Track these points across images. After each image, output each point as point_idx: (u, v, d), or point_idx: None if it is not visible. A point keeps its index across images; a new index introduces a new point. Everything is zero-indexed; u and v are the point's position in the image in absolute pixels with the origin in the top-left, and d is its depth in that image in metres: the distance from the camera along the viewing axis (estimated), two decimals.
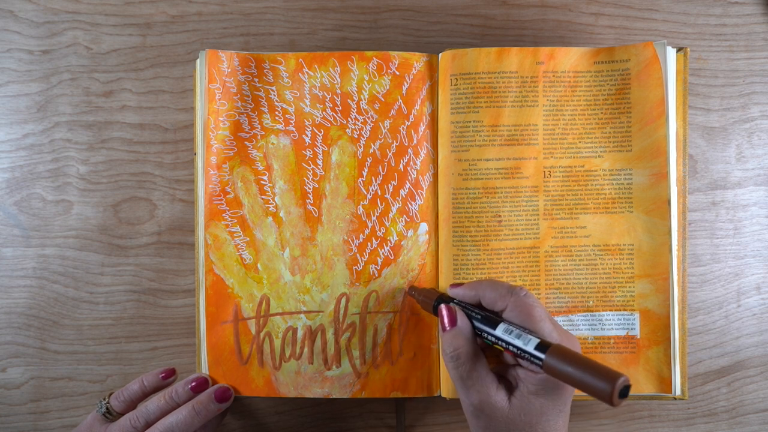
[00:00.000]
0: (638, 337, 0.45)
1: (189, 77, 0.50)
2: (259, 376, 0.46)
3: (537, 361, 0.34)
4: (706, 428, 0.51)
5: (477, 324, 0.39)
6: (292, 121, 0.47)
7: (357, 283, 0.46)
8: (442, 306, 0.40)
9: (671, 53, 0.45)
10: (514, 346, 0.36)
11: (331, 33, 0.51)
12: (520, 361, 0.36)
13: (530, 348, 0.34)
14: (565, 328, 0.46)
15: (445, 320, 0.39)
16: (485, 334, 0.38)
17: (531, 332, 0.36)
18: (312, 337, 0.46)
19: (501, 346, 0.37)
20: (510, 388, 0.38)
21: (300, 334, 0.46)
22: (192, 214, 0.50)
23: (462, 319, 0.39)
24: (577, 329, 0.46)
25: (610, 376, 0.30)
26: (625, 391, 0.31)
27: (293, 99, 0.47)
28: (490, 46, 0.46)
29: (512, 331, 0.36)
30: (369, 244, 0.46)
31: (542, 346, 0.34)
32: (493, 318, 0.38)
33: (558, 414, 0.36)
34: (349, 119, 0.46)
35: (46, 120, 0.50)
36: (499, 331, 0.37)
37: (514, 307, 0.37)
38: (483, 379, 0.37)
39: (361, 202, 0.46)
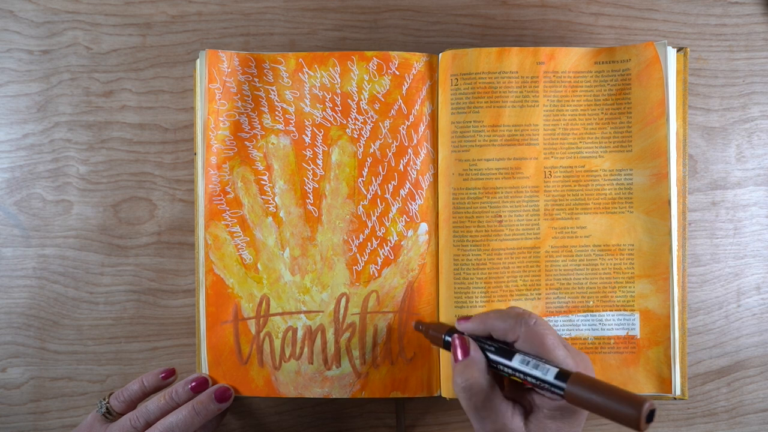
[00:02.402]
0: (638, 337, 0.45)
1: (189, 77, 0.50)
2: (259, 376, 0.46)
3: (558, 391, 0.33)
4: (706, 428, 0.51)
5: (492, 356, 0.37)
6: (292, 121, 0.47)
7: (357, 283, 0.46)
8: (455, 336, 0.39)
9: (671, 53, 0.45)
10: (532, 377, 0.35)
11: (331, 33, 0.51)
12: (539, 390, 0.35)
13: (550, 378, 0.34)
14: (565, 328, 0.46)
15: (458, 351, 0.38)
16: (501, 366, 0.37)
17: (547, 361, 0.35)
18: (312, 337, 0.46)
19: (518, 377, 0.36)
20: (525, 412, 0.37)
21: (300, 334, 0.46)
22: (192, 214, 0.50)
23: (475, 350, 0.38)
24: (577, 329, 0.46)
25: (636, 402, 0.30)
26: (651, 415, 0.30)
27: (293, 99, 0.47)
28: (490, 46, 0.46)
29: (529, 361, 0.35)
30: (369, 244, 0.46)
31: (562, 375, 0.33)
32: (507, 349, 0.37)
33: None
34: (349, 119, 0.46)
35: (46, 120, 0.50)
36: (516, 362, 0.36)
37: (526, 337, 0.36)
38: (497, 407, 0.36)
39: (361, 202, 0.46)
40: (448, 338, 0.41)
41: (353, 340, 0.46)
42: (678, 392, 0.45)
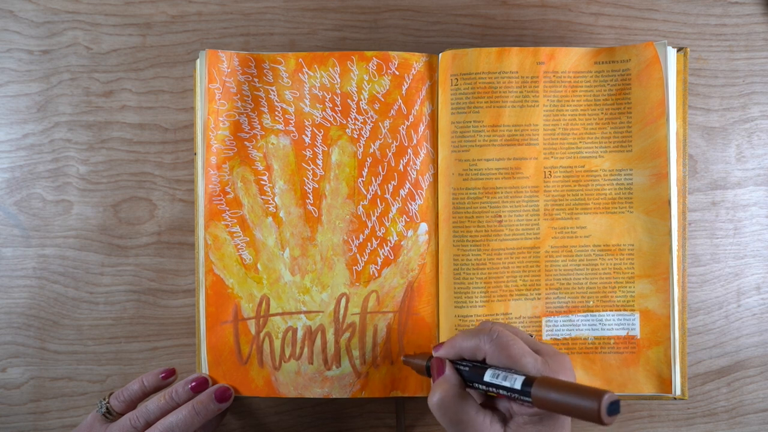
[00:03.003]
0: (638, 337, 0.45)
1: (189, 77, 0.50)
2: (259, 376, 0.46)
3: (527, 398, 0.34)
4: (706, 428, 0.51)
5: (466, 375, 0.38)
6: (292, 121, 0.47)
7: (357, 283, 0.46)
8: (433, 359, 0.40)
9: (672, 53, 0.45)
10: (503, 388, 0.35)
11: (331, 33, 0.51)
12: (514, 401, 0.35)
13: (518, 386, 0.34)
14: (565, 328, 0.46)
15: (434, 372, 0.39)
16: (476, 384, 0.37)
17: (516, 371, 0.35)
18: (312, 337, 0.46)
19: (493, 392, 0.36)
20: (504, 419, 0.37)
21: (300, 334, 0.46)
22: (192, 214, 0.50)
23: (449, 369, 0.38)
24: (577, 329, 0.46)
25: (595, 394, 0.30)
26: (614, 407, 0.30)
27: (293, 99, 0.47)
28: (490, 46, 0.46)
29: (498, 374, 0.36)
30: (369, 244, 0.46)
31: (528, 381, 0.34)
32: (480, 366, 0.37)
33: None
34: (349, 119, 0.46)
35: (46, 120, 0.50)
36: (487, 377, 0.36)
37: (492, 352, 0.36)
38: (473, 419, 0.36)
39: (361, 202, 0.46)
40: (428, 365, 0.41)
41: (353, 340, 0.46)
42: (678, 392, 0.45)
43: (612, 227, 0.46)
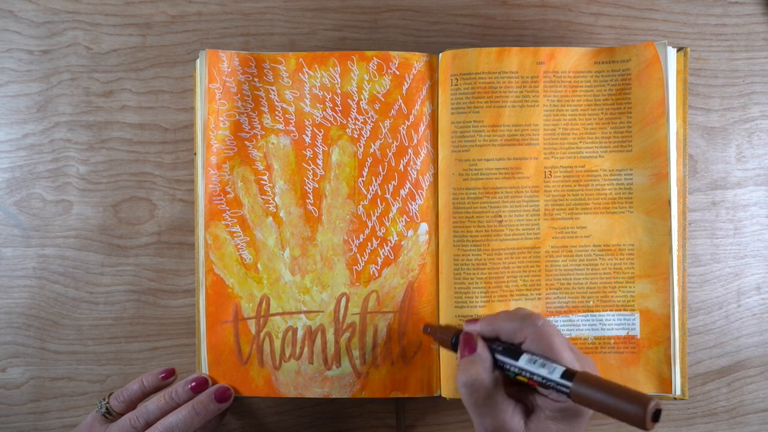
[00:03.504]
0: (638, 337, 0.45)
1: (189, 77, 0.50)
2: (259, 376, 0.46)
3: (564, 389, 0.33)
4: (706, 428, 0.51)
5: (499, 356, 0.37)
6: (292, 121, 0.47)
7: (357, 283, 0.46)
8: (463, 334, 0.39)
9: (672, 53, 0.45)
10: (539, 375, 0.35)
11: (331, 33, 0.51)
12: (544, 390, 0.35)
13: (556, 377, 0.34)
14: (565, 328, 0.46)
15: (464, 347, 0.38)
16: (508, 366, 0.37)
17: (553, 361, 0.35)
18: (312, 337, 0.46)
19: (525, 377, 0.36)
20: (527, 412, 0.37)
21: (300, 334, 0.46)
22: (192, 214, 0.50)
23: (482, 348, 0.38)
24: (578, 329, 0.46)
25: (642, 400, 0.30)
26: (657, 415, 0.30)
27: (293, 99, 0.47)
28: (490, 46, 0.46)
29: (536, 360, 0.35)
30: (369, 244, 0.46)
31: (568, 374, 0.34)
32: (515, 349, 0.37)
33: None
34: (349, 119, 0.46)
35: (46, 120, 0.50)
36: (523, 361, 0.36)
37: (534, 338, 0.36)
38: (498, 405, 0.36)
39: (361, 202, 0.46)
40: (455, 340, 0.41)
41: (353, 340, 0.46)
42: (678, 392, 0.45)
43: (612, 227, 0.46)
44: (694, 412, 0.51)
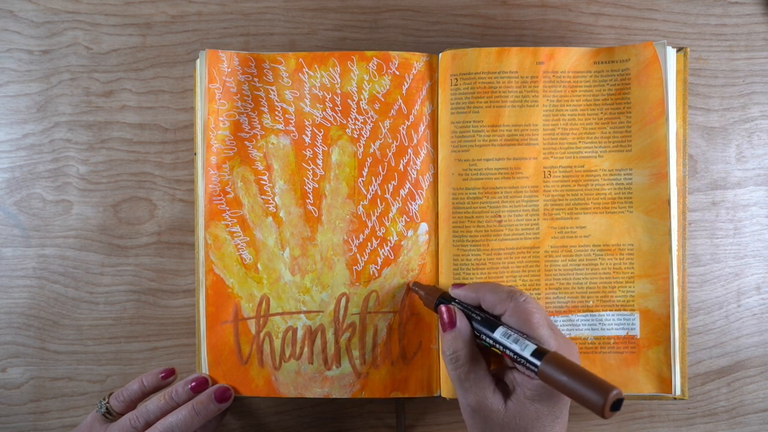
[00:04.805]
0: (638, 337, 0.45)
1: (189, 77, 0.50)
2: (259, 376, 0.46)
3: (532, 368, 0.34)
4: (706, 428, 0.51)
5: (476, 325, 0.39)
6: (292, 121, 0.47)
7: (357, 283, 0.46)
8: (442, 306, 0.40)
9: (671, 53, 0.45)
10: (510, 350, 0.35)
11: (331, 33, 0.51)
12: (517, 365, 0.36)
13: (526, 354, 0.34)
14: (565, 328, 0.46)
15: (445, 320, 0.39)
16: (483, 336, 0.38)
17: (529, 338, 0.36)
18: (312, 337, 0.46)
19: (498, 349, 0.37)
20: (507, 391, 0.37)
21: (300, 334, 0.46)
22: (192, 214, 0.50)
23: (461, 321, 0.39)
24: (577, 329, 0.46)
25: (603, 388, 0.30)
26: (617, 404, 0.30)
27: (293, 99, 0.47)
28: (490, 46, 0.46)
29: (510, 335, 0.36)
30: (369, 244, 0.46)
31: (539, 352, 0.34)
32: (493, 321, 0.38)
33: (554, 420, 0.36)
34: (349, 119, 0.46)
35: (46, 120, 0.50)
36: (497, 334, 0.37)
37: (513, 312, 0.37)
38: (481, 381, 0.37)
39: (361, 202, 0.46)
40: (439, 303, 0.42)
41: (353, 340, 0.46)
42: (678, 392, 0.45)
43: (612, 227, 0.46)
44: (694, 412, 0.51)
